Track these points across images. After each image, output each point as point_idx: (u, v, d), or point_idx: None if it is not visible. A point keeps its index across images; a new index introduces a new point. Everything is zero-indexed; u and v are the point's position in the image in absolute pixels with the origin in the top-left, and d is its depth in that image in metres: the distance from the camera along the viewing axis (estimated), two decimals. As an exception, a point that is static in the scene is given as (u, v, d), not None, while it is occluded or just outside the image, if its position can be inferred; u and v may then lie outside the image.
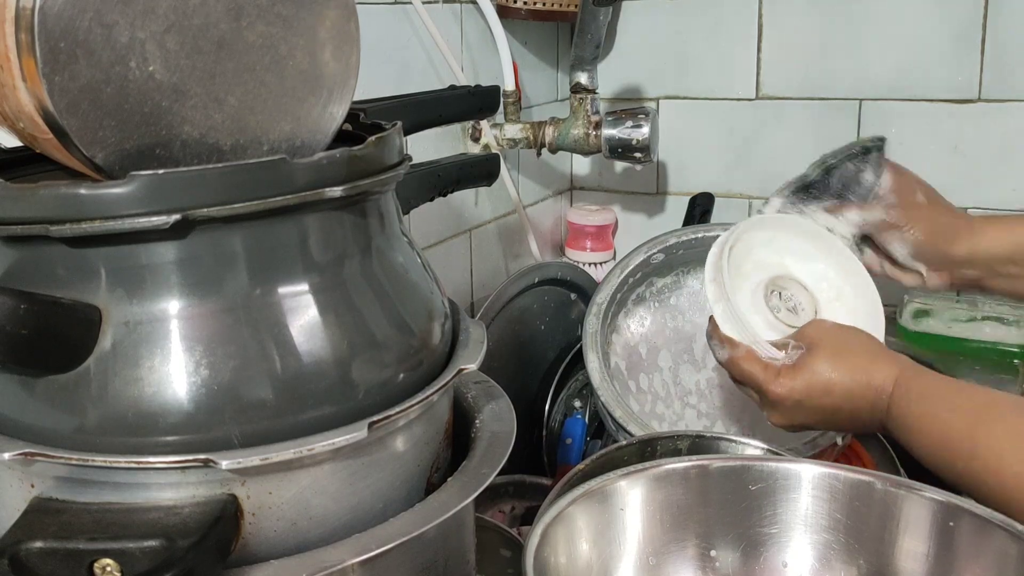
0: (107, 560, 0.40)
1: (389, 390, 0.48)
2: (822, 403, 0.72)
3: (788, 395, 0.73)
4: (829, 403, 0.72)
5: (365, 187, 0.47)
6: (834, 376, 0.71)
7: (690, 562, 0.65)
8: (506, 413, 0.57)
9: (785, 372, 0.73)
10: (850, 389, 0.71)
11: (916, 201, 0.81)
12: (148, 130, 0.45)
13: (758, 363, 0.75)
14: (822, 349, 0.73)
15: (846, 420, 0.73)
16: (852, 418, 0.72)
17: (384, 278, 0.50)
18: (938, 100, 1.20)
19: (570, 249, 1.39)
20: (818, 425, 0.75)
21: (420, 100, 0.72)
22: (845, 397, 0.71)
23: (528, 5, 1.17)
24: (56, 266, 0.44)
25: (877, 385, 0.70)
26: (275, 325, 0.45)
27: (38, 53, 0.41)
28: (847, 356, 0.72)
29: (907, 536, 0.62)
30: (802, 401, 0.72)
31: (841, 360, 0.72)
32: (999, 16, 1.15)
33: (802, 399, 0.72)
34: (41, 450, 0.42)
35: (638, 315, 0.98)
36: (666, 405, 0.96)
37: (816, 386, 0.72)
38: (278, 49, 0.48)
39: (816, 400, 0.72)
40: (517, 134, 1.17)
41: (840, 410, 0.72)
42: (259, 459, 0.42)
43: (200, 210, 0.42)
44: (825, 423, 0.75)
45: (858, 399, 0.71)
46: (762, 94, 1.30)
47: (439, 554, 0.51)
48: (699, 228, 0.97)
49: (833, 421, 0.74)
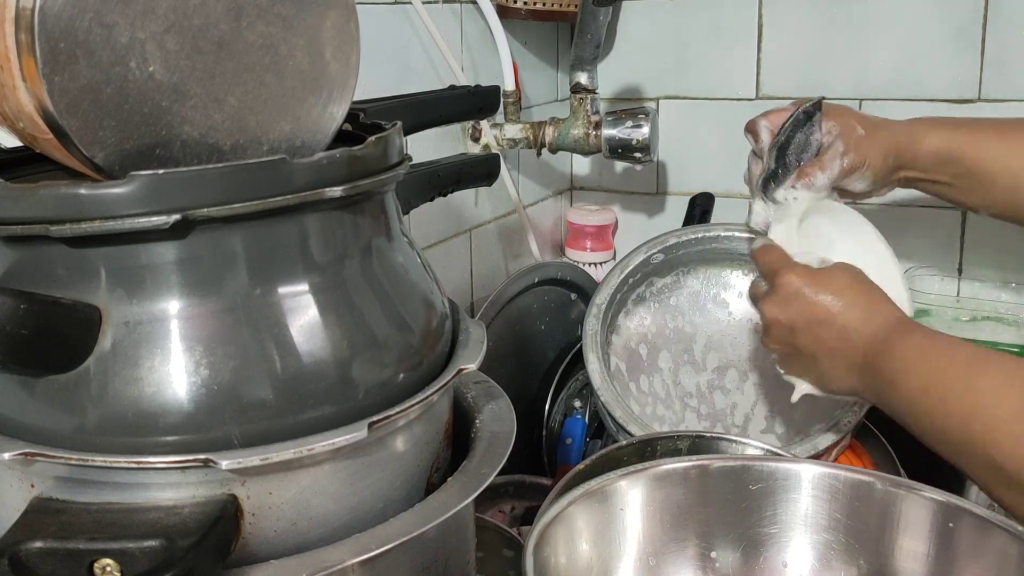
0: (107, 560, 0.40)
1: (389, 390, 0.48)
2: (815, 308, 0.72)
3: (798, 288, 0.73)
4: (818, 313, 0.72)
5: (365, 187, 0.47)
6: (845, 290, 0.72)
7: (690, 562, 0.65)
8: (506, 413, 0.57)
9: (799, 269, 0.75)
10: (851, 304, 0.72)
11: (859, 136, 0.84)
12: (148, 130, 0.45)
13: (782, 256, 0.77)
14: (847, 271, 0.74)
15: (830, 345, 0.72)
16: (840, 338, 0.72)
17: (384, 278, 0.50)
18: (938, 100, 1.20)
19: (570, 249, 1.39)
20: (801, 349, 0.75)
21: (420, 100, 0.72)
22: (841, 310, 0.72)
23: (528, 5, 1.17)
24: (56, 266, 0.44)
25: (881, 314, 0.71)
26: (275, 325, 0.45)
27: (38, 53, 0.41)
28: (860, 287, 0.73)
29: (907, 536, 0.62)
30: (799, 299, 0.73)
31: (853, 285, 0.73)
32: (999, 16, 1.15)
33: (800, 296, 0.73)
34: (41, 450, 0.42)
35: (638, 315, 0.98)
36: (666, 407, 0.96)
37: (827, 289, 0.72)
38: (278, 49, 0.48)
39: (811, 304, 0.73)
40: (517, 134, 1.17)
41: (828, 323, 0.72)
42: (259, 459, 0.42)
43: (200, 210, 0.42)
44: (809, 346, 0.74)
45: (852, 325, 0.71)
46: (762, 94, 1.30)
47: (439, 554, 0.51)
48: (699, 228, 0.97)
49: (817, 344, 0.73)
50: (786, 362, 0.78)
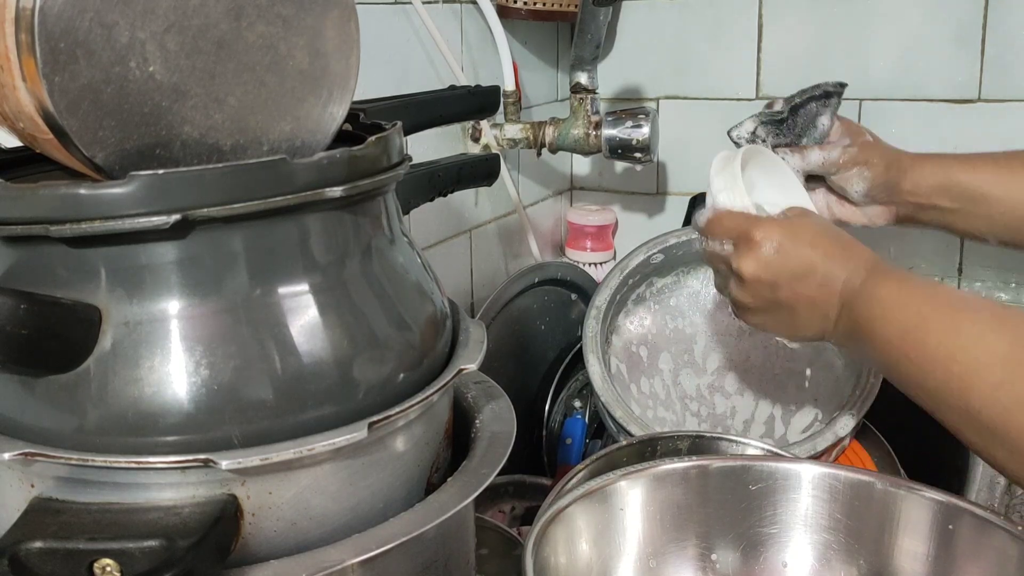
0: (107, 560, 0.39)
1: (389, 390, 0.48)
2: (797, 261, 0.70)
3: (767, 242, 0.71)
4: (800, 265, 0.70)
5: (365, 187, 0.47)
6: (820, 238, 0.71)
7: (690, 562, 0.65)
8: (506, 413, 0.57)
9: (770, 222, 0.72)
10: (828, 253, 0.70)
11: (868, 140, 0.86)
12: (148, 130, 0.45)
13: (745, 216, 0.74)
14: (811, 217, 0.74)
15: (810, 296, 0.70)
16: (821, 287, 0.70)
17: (384, 278, 0.50)
18: (938, 100, 1.20)
19: (570, 249, 1.39)
20: (780, 302, 0.72)
21: (420, 100, 0.72)
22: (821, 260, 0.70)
23: (528, 5, 1.17)
24: (56, 266, 0.44)
25: (856, 258, 0.69)
26: (275, 325, 0.45)
27: (38, 53, 0.41)
28: (830, 233, 0.72)
29: (907, 536, 0.62)
30: (780, 253, 0.71)
31: (825, 233, 0.72)
32: (999, 16, 1.15)
33: (781, 250, 0.71)
34: (41, 450, 0.42)
35: (638, 315, 0.98)
36: (666, 408, 0.96)
37: (799, 237, 0.71)
38: (278, 49, 0.48)
39: (793, 257, 0.70)
40: (517, 134, 1.17)
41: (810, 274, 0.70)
42: (259, 459, 0.42)
43: (200, 210, 0.42)
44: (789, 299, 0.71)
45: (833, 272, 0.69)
46: (762, 94, 1.30)
47: (439, 554, 0.51)
48: (699, 228, 0.97)
49: (796, 296, 0.71)
50: (755, 314, 0.75)
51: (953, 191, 0.83)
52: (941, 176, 0.84)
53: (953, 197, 0.84)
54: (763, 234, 0.71)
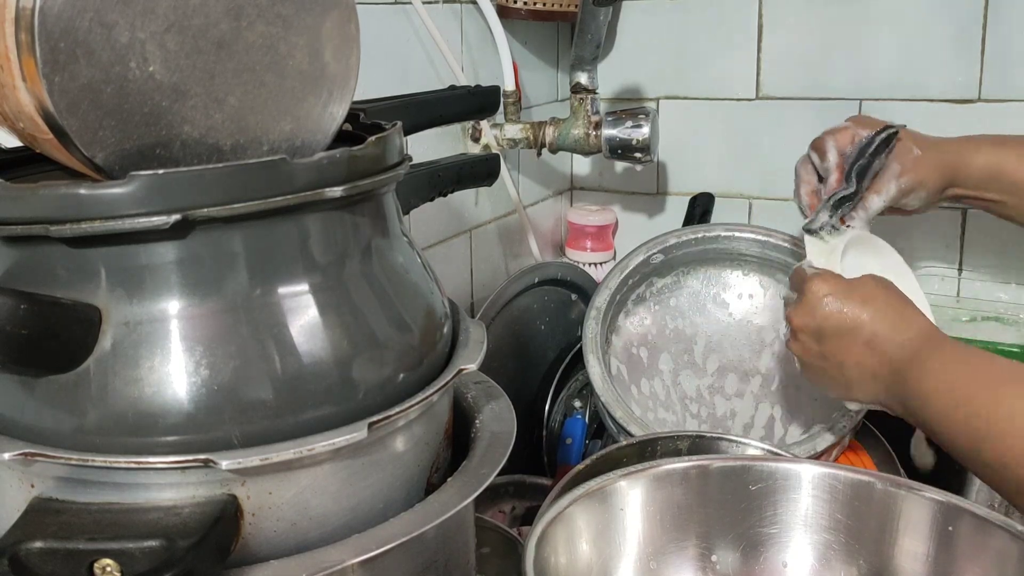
0: (107, 560, 0.39)
1: (389, 390, 0.48)
2: (842, 316, 0.72)
3: (826, 294, 0.73)
4: (845, 321, 0.72)
5: (365, 187, 0.47)
6: (875, 299, 0.72)
7: (690, 562, 0.65)
8: (506, 413, 0.57)
9: (827, 275, 0.74)
10: (880, 315, 0.71)
11: (915, 156, 0.85)
12: (148, 130, 0.45)
13: (810, 270, 0.76)
14: (876, 280, 0.74)
15: (856, 354, 0.72)
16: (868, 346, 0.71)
17: (384, 278, 0.50)
18: (938, 100, 1.20)
19: (570, 249, 1.39)
20: (827, 356, 0.74)
21: (420, 100, 0.72)
22: (870, 319, 0.71)
23: (528, 5, 1.17)
24: (56, 266, 0.44)
25: (911, 326, 0.70)
26: (275, 325, 0.45)
27: (38, 53, 0.41)
28: (890, 297, 0.73)
29: (907, 536, 0.62)
30: (827, 306, 0.72)
31: (883, 295, 0.73)
32: (999, 16, 1.15)
33: (829, 303, 0.72)
34: (41, 450, 0.42)
35: (638, 315, 0.98)
36: (666, 409, 0.96)
37: (855, 296, 0.72)
38: (278, 49, 0.48)
39: (838, 311, 0.72)
40: (517, 134, 1.17)
41: (855, 331, 0.71)
42: (259, 459, 0.42)
43: (200, 210, 0.42)
44: (835, 354, 0.73)
45: (881, 334, 0.71)
46: (762, 94, 1.30)
47: (439, 554, 0.51)
48: (699, 228, 0.97)
49: (841, 352, 0.73)
50: (811, 370, 0.77)
51: (1002, 183, 0.84)
52: (993, 167, 0.84)
53: (1001, 190, 0.84)
54: (816, 285, 0.74)
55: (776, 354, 0.96)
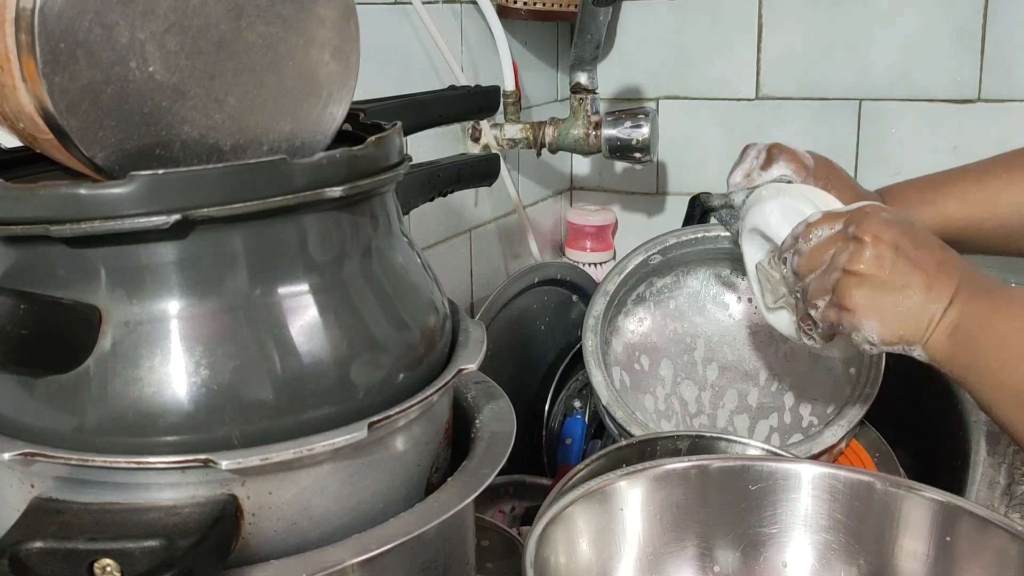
0: (107, 560, 0.39)
1: (389, 390, 0.48)
2: (922, 233, 0.69)
3: (893, 212, 0.69)
4: (926, 239, 0.68)
5: (365, 187, 0.47)
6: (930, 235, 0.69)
7: (690, 562, 0.65)
8: (506, 413, 0.57)
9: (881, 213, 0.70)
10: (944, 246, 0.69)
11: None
12: (148, 130, 0.45)
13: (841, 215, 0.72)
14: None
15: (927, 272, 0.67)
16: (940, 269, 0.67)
17: (384, 278, 0.50)
18: (938, 100, 1.20)
19: (570, 249, 1.39)
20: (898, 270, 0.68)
21: (420, 100, 0.72)
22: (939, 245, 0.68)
23: (528, 5, 1.17)
24: (56, 266, 0.44)
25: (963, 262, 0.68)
26: (275, 325, 0.45)
27: (38, 53, 0.41)
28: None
29: (907, 536, 0.62)
30: (907, 220, 0.69)
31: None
32: (999, 16, 1.15)
33: (908, 219, 0.69)
34: (41, 450, 0.42)
35: (637, 315, 0.98)
36: (667, 419, 0.96)
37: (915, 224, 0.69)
38: (278, 49, 0.48)
39: (918, 229, 0.69)
40: (517, 134, 1.17)
41: (932, 248, 0.68)
42: (259, 459, 0.42)
43: (200, 210, 0.42)
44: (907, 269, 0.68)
45: (952, 260, 0.68)
46: (762, 94, 1.30)
47: (439, 554, 0.51)
48: (699, 228, 0.97)
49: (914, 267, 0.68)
50: (863, 288, 0.69)
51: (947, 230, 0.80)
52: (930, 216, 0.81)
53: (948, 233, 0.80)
54: (888, 210, 0.70)
55: (777, 354, 0.96)
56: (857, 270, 0.68)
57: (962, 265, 0.68)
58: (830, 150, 1.29)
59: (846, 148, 1.26)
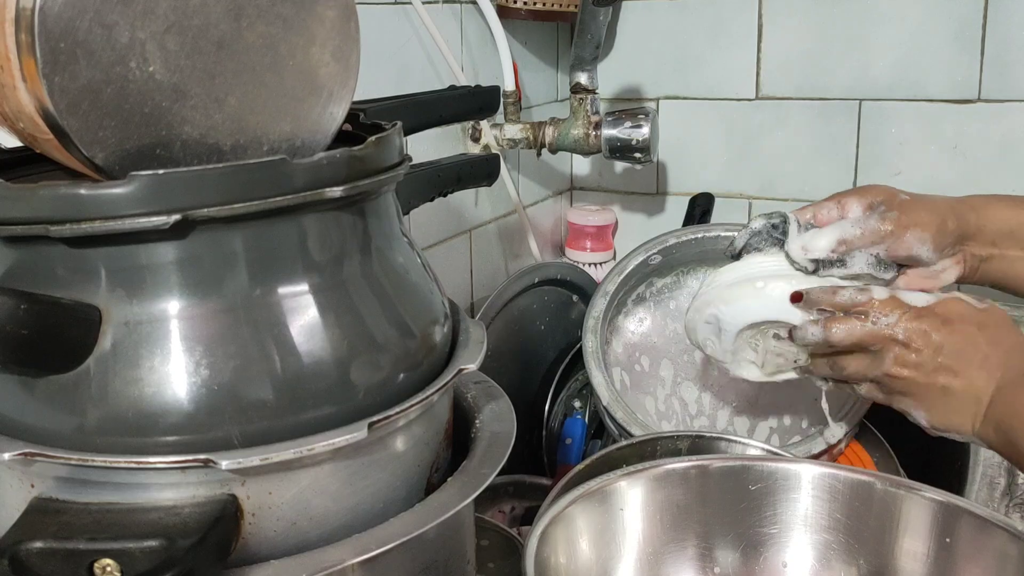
0: (107, 560, 0.39)
1: (389, 390, 0.48)
2: (971, 338, 0.68)
3: (958, 312, 0.69)
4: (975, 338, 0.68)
5: (365, 187, 0.47)
6: (988, 325, 0.69)
7: (690, 562, 0.65)
8: (506, 413, 0.57)
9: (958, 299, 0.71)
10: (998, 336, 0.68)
11: (905, 199, 0.76)
12: (148, 130, 0.45)
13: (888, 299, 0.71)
14: (992, 312, 0.71)
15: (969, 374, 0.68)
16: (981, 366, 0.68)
17: (384, 278, 0.50)
18: (938, 100, 1.20)
19: (570, 249, 1.39)
20: (939, 369, 0.69)
21: (420, 100, 0.72)
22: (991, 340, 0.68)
23: (528, 5, 1.17)
24: (56, 266, 0.44)
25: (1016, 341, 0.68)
26: (275, 325, 0.45)
27: (38, 53, 0.41)
28: (1003, 322, 0.70)
29: (907, 536, 0.62)
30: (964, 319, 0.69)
31: (996, 322, 0.70)
32: (999, 16, 1.15)
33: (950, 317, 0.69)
34: (41, 450, 0.42)
35: (637, 315, 0.98)
36: (668, 421, 0.96)
37: (974, 320, 0.69)
38: (278, 49, 0.48)
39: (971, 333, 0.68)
40: (517, 134, 1.17)
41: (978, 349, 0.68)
42: (259, 459, 0.42)
43: (200, 210, 0.42)
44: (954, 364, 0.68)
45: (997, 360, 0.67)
46: (762, 94, 1.30)
47: (439, 554, 0.51)
48: (699, 228, 0.97)
49: (958, 365, 0.68)
50: (911, 387, 0.70)
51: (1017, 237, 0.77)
52: (1012, 219, 0.77)
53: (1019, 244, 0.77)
54: (949, 303, 0.71)
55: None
56: (898, 373, 0.70)
57: (1007, 356, 0.68)
58: (830, 150, 1.30)
59: (846, 148, 1.26)
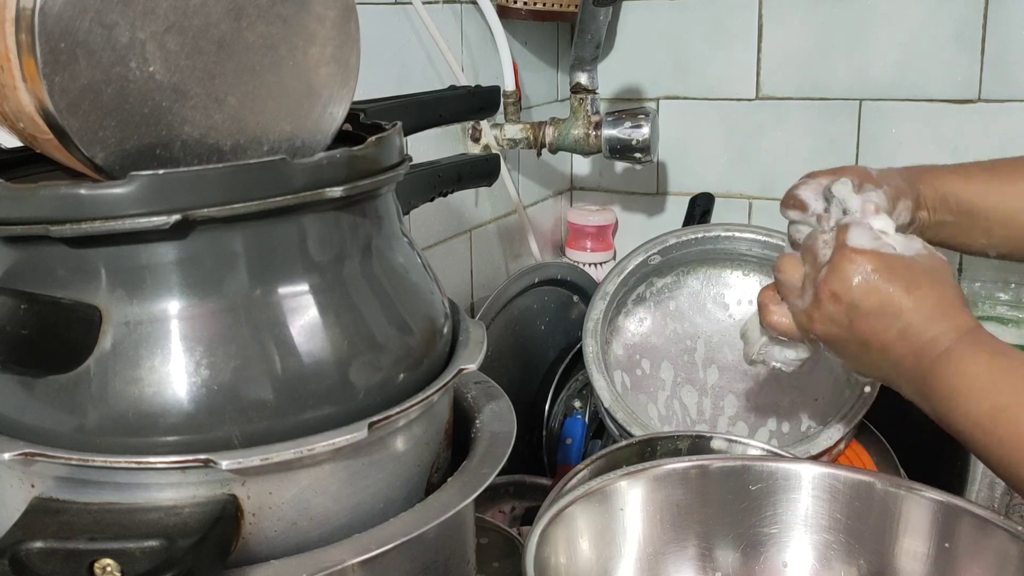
0: (107, 560, 0.40)
1: (389, 390, 0.48)
2: (883, 298, 0.65)
3: (871, 269, 0.65)
4: (885, 304, 0.65)
5: (365, 187, 0.47)
6: (917, 284, 0.65)
7: (690, 562, 0.65)
8: (506, 413, 0.57)
9: (877, 253, 0.66)
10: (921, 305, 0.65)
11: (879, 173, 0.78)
12: (148, 130, 0.45)
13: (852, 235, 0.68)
14: (925, 259, 0.68)
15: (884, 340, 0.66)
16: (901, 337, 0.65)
17: (384, 278, 0.50)
18: (938, 100, 1.20)
19: (570, 249, 1.39)
20: (854, 332, 0.67)
21: (420, 100, 0.72)
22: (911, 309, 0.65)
23: (528, 5, 1.17)
24: (56, 266, 0.44)
25: (951, 320, 0.65)
26: (275, 325, 0.45)
27: (38, 53, 0.41)
28: (935, 282, 0.66)
29: (907, 536, 0.62)
30: (882, 286, 0.65)
31: (928, 281, 0.66)
32: (999, 16, 1.15)
33: (883, 283, 0.65)
34: (41, 450, 0.42)
35: (637, 315, 0.98)
36: (668, 424, 0.96)
37: (900, 280, 0.65)
38: (278, 49, 0.48)
39: (881, 293, 0.65)
40: (517, 134, 1.17)
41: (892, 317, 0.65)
42: (259, 459, 0.42)
43: (200, 210, 0.42)
44: (863, 333, 0.66)
45: (918, 326, 0.64)
46: (762, 94, 1.30)
47: (439, 554, 0.51)
48: (699, 228, 0.97)
49: (871, 333, 0.66)
50: (829, 338, 0.69)
51: (951, 203, 0.79)
52: (940, 188, 0.79)
53: (952, 211, 0.79)
54: (861, 258, 0.66)
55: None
56: (811, 318, 0.69)
57: (935, 331, 0.65)
58: (830, 150, 1.30)
59: (846, 148, 1.26)
